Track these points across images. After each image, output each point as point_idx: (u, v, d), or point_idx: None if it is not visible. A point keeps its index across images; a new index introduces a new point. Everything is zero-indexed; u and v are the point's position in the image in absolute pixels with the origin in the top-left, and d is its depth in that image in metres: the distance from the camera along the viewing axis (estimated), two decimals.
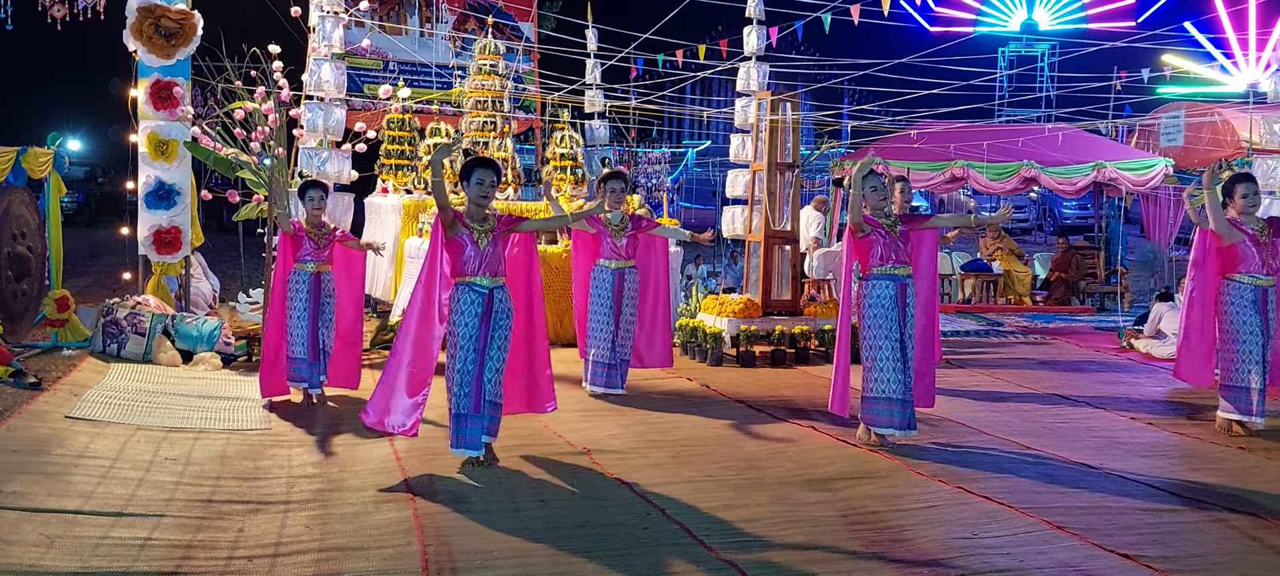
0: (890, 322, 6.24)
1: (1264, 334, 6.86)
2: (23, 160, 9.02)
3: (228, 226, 15.01)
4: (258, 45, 8.81)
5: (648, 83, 14.90)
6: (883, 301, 6.26)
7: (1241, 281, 6.90)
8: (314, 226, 7.40)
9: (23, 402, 6.74)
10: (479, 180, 5.71)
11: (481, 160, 5.84)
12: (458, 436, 5.70)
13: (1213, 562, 4.47)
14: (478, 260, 5.67)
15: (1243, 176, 7.12)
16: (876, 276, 6.32)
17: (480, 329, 5.64)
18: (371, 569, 4.22)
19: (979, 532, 4.80)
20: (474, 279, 5.67)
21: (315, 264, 7.37)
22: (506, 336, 5.77)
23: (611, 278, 7.80)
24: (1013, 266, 14.92)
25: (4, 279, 9.02)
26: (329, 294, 7.47)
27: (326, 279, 7.46)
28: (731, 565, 4.29)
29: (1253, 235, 6.87)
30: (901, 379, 6.23)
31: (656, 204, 14.14)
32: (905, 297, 6.29)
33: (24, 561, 4.15)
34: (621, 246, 7.82)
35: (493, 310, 5.67)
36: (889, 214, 6.38)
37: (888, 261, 6.29)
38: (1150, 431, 7.13)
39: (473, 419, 5.67)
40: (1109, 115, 12.87)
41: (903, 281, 6.30)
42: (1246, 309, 6.86)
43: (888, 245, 6.29)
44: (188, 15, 9.38)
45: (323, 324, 7.41)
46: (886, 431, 6.29)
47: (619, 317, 7.82)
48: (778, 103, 9.99)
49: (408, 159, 12.71)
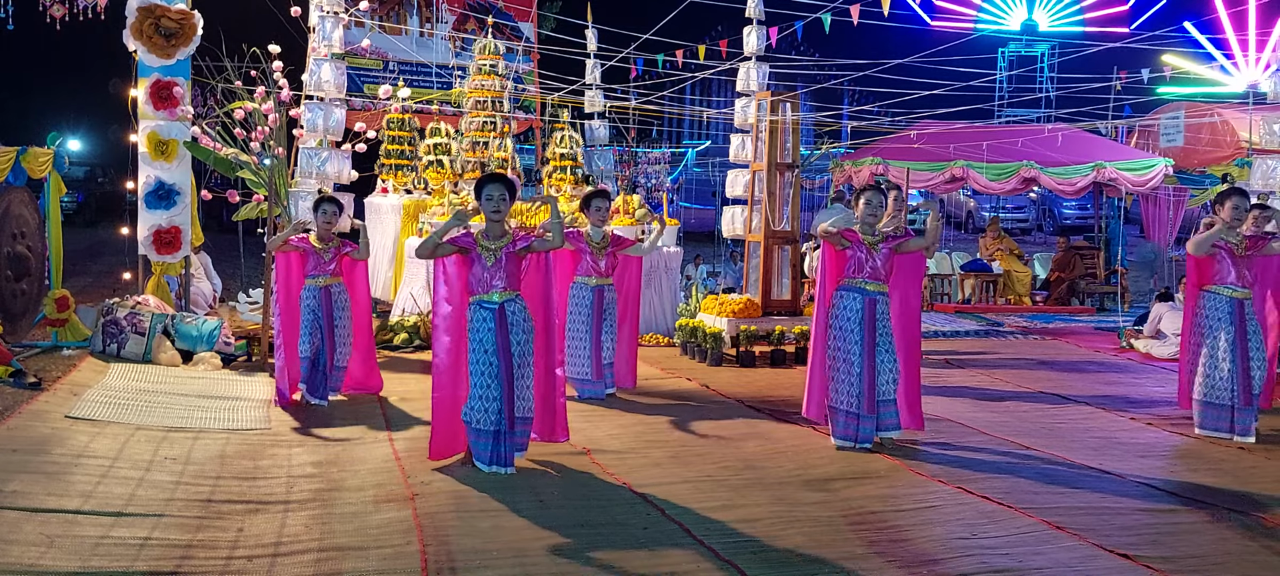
0: (853, 335, 6.24)
1: (1238, 347, 6.79)
2: (23, 160, 9.02)
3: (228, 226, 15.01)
4: (258, 45, 8.81)
5: (648, 83, 14.91)
6: (849, 313, 6.28)
7: (1219, 293, 6.89)
8: (323, 240, 7.33)
9: (23, 402, 6.74)
10: (488, 196, 5.68)
11: (492, 176, 5.84)
12: (493, 453, 5.60)
13: (1212, 563, 4.47)
14: (487, 277, 5.64)
15: (1234, 191, 7.09)
16: (845, 288, 6.34)
17: (498, 342, 5.59)
18: (371, 569, 4.22)
19: (978, 533, 4.81)
20: (484, 296, 5.65)
21: (324, 277, 7.31)
22: (528, 347, 5.71)
23: (590, 295, 7.79)
24: (1013, 266, 14.92)
25: (4, 279, 9.02)
26: (341, 306, 7.40)
27: (337, 291, 7.38)
28: (731, 565, 4.30)
29: (1229, 248, 6.86)
30: (858, 393, 6.21)
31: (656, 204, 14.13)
32: (874, 313, 6.25)
33: (24, 561, 4.16)
34: (601, 265, 7.81)
35: (508, 323, 5.63)
36: (875, 231, 6.38)
37: (859, 275, 6.30)
38: (1149, 431, 7.14)
39: (508, 436, 5.62)
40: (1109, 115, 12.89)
41: (872, 296, 6.27)
42: (1221, 321, 6.85)
43: (864, 259, 6.30)
44: (188, 15, 9.38)
45: (338, 341, 7.35)
46: (841, 442, 6.31)
47: (599, 334, 7.81)
48: (778, 103, 9.99)
49: (407, 159, 12.73)
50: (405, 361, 9.27)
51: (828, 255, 6.51)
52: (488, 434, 5.60)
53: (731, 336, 9.60)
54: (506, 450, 5.63)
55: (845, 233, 6.37)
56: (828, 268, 6.52)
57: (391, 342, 9.86)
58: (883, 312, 6.28)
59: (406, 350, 9.74)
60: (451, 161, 11.58)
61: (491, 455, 5.61)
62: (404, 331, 9.96)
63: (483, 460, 5.64)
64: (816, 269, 11.70)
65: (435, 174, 11.76)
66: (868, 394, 6.23)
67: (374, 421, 6.92)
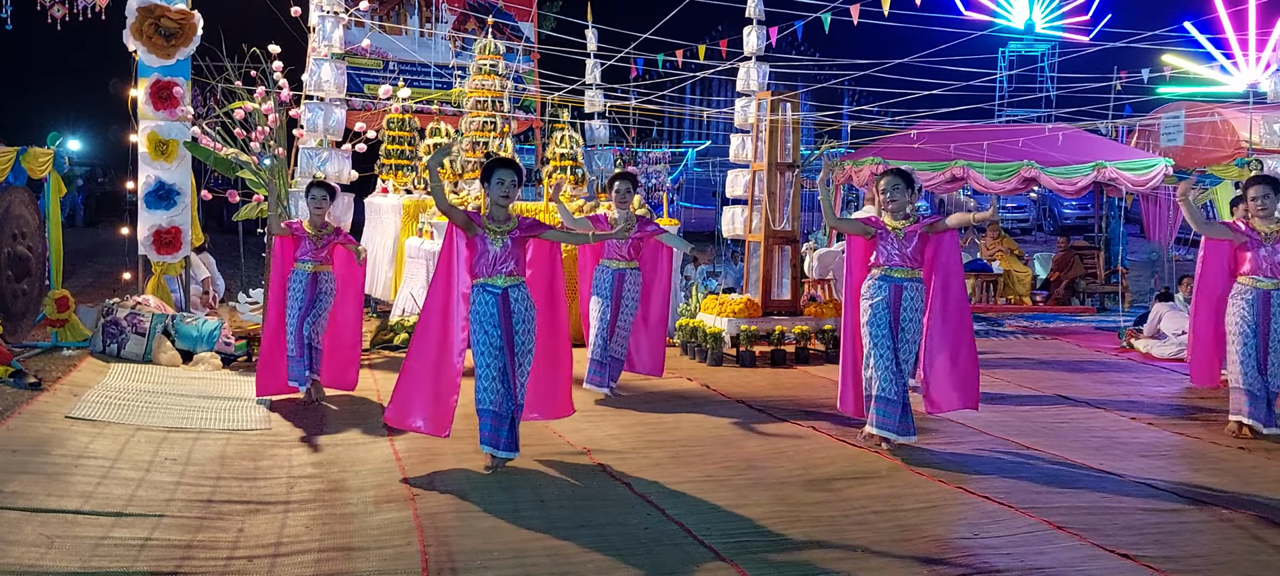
0: (883, 323, 6.20)
1: (1263, 338, 6.79)
2: (23, 160, 9.02)
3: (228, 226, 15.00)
4: (258, 45, 8.80)
5: (648, 83, 14.89)
6: (877, 302, 6.24)
7: (1243, 284, 6.88)
8: (314, 227, 7.40)
9: (23, 402, 6.74)
10: (499, 180, 5.69)
11: (502, 161, 5.83)
12: (495, 436, 5.62)
13: (1213, 563, 4.47)
14: (492, 261, 5.65)
15: (1257, 178, 7.07)
16: (874, 277, 6.30)
17: (501, 327, 5.60)
18: (371, 569, 4.21)
19: (979, 532, 4.80)
20: (488, 280, 5.65)
21: (313, 264, 7.37)
22: (528, 339, 5.73)
23: (612, 278, 7.79)
24: (1013, 266, 14.92)
25: (4, 279, 9.01)
26: (325, 293, 7.45)
27: (324, 278, 7.45)
28: (731, 565, 4.29)
29: (1257, 238, 6.84)
30: (894, 381, 6.17)
31: (656, 204, 14.12)
32: (901, 300, 6.21)
33: (24, 561, 4.15)
34: (624, 248, 7.81)
35: (511, 309, 5.64)
36: (906, 215, 6.34)
37: (887, 263, 6.27)
38: (1150, 431, 7.13)
39: (510, 421, 5.63)
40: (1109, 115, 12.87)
41: (899, 283, 6.22)
42: (1245, 312, 6.84)
43: (892, 247, 6.26)
44: (188, 15, 9.37)
45: (311, 317, 7.36)
46: (883, 432, 6.25)
47: (616, 318, 7.81)
48: (778, 103, 9.99)
49: (408, 159, 12.71)
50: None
51: (852, 247, 6.47)
52: (489, 414, 5.62)
53: (731, 336, 9.60)
54: (510, 434, 5.62)
55: (869, 220, 6.32)
56: (852, 259, 6.49)
57: (391, 343, 9.85)
58: (911, 302, 6.20)
59: (406, 350, 9.73)
60: (451, 161, 11.55)
61: (492, 435, 5.62)
62: (404, 331, 9.95)
63: (485, 440, 5.66)
64: (816, 268, 11.78)
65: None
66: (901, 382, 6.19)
67: (374, 422, 6.91)
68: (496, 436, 5.63)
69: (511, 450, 5.66)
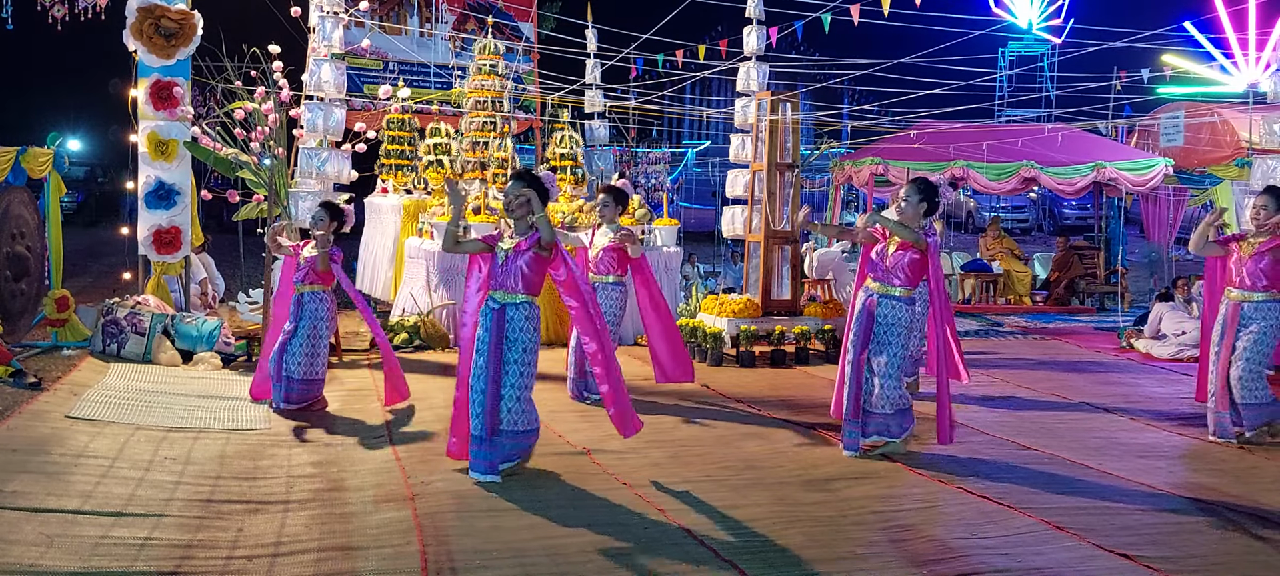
0: (855, 335, 6.19)
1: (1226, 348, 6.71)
2: (23, 160, 9.02)
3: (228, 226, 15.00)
4: (258, 45, 8.80)
5: (648, 83, 14.89)
6: (854, 314, 6.27)
7: (1223, 296, 6.88)
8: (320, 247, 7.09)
9: (23, 402, 6.74)
10: (503, 193, 5.72)
11: (514, 173, 5.84)
12: (473, 458, 5.51)
13: (1212, 563, 4.47)
14: (493, 274, 5.59)
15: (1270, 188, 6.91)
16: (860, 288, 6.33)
17: (490, 343, 5.48)
18: (371, 569, 4.22)
19: (978, 533, 4.81)
20: (491, 294, 5.59)
21: (302, 283, 7.13)
22: (521, 359, 5.52)
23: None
24: (1012, 266, 14.92)
25: (3, 279, 9.02)
26: (310, 315, 7.06)
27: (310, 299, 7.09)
28: (731, 565, 4.30)
29: (1235, 249, 6.82)
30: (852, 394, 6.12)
31: (656, 204, 14.12)
32: (871, 313, 6.12)
33: (24, 561, 4.15)
34: (597, 263, 7.75)
35: (504, 328, 5.49)
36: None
37: (867, 276, 6.27)
38: (1150, 432, 7.13)
39: (488, 443, 5.46)
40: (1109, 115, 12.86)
41: (871, 295, 6.18)
42: (1216, 323, 6.84)
43: (875, 257, 6.24)
44: (188, 15, 9.37)
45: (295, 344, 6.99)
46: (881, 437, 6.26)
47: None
48: (778, 103, 9.99)
49: (407, 159, 12.71)
50: (405, 362, 9.23)
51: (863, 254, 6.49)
52: (472, 438, 5.53)
53: (731, 336, 9.60)
54: (488, 457, 5.46)
55: (874, 228, 6.29)
56: (861, 266, 6.51)
57: (391, 343, 9.83)
58: (885, 315, 6.09)
59: (406, 350, 9.74)
60: (451, 161, 11.56)
61: (473, 459, 5.52)
62: (404, 331, 9.96)
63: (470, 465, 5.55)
64: (815, 268, 11.78)
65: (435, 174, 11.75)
66: (854, 399, 6.13)
67: (374, 422, 6.92)
68: (476, 459, 5.51)
69: (483, 472, 5.45)
